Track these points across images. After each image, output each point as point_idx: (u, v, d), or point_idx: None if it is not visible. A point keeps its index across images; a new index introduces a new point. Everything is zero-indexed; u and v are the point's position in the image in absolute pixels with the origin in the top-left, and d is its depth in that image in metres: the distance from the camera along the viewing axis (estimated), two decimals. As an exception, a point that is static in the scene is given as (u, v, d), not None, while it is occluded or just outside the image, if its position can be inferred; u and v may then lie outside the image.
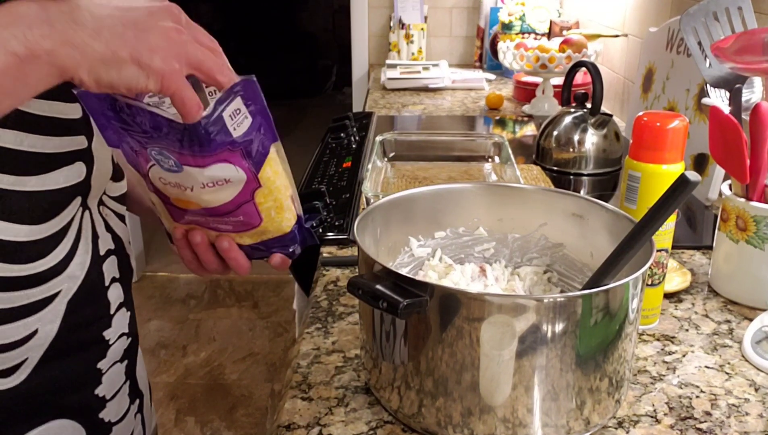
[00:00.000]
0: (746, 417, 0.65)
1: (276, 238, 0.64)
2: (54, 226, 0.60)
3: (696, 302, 0.86)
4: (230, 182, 0.58)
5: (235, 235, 0.64)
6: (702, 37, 0.92)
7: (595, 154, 1.33)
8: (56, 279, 0.61)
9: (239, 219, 0.61)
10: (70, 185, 0.61)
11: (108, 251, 0.68)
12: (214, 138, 0.54)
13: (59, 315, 0.62)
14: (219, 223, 0.62)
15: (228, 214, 0.60)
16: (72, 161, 0.60)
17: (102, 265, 0.67)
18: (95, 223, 0.66)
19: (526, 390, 0.57)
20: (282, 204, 0.62)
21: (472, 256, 0.79)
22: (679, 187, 0.54)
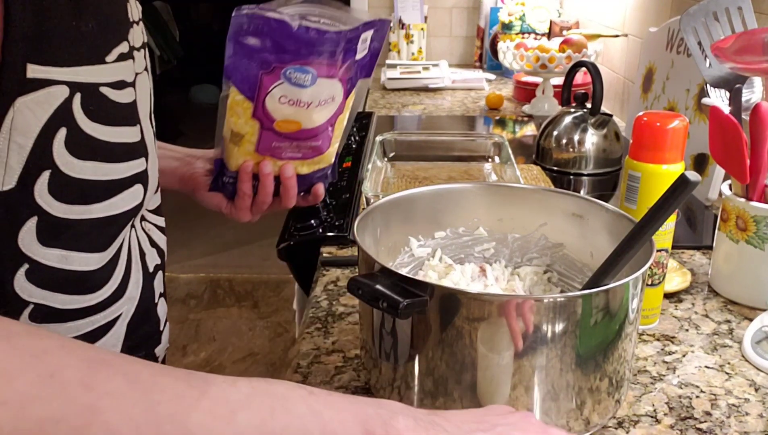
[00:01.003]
0: (746, 417, 0.65)
1: (323, 169, 0.74)
2: (113, 249, 0.59)
3: (696, 302, 0.86)
4: (333, 102, 0.67)
5: (298, 164, 0.72)
6: (702, 37, 0.92)
7: (595, 154, 1.33)
8: (117, 303, 0.61)
9: (317, 144, 0.70)
10: (129, 208, 0.60)
11: (156, 266, 0.67)
12: (350, 50, 0.63)
13: (120, 339, 0.62)
14: (296, 150, 0.70)
15: (313, 137, 0.69)
16: (132, 184, 0.59)
17: (153, 281, 0.67)
18: (140, 240, 0.65)
19: (526, 390, 0.57)
20: (340, 135, 0.73)
21: (472, 256, 0.79)
22: (679, 187, 0.54)
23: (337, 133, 0.72)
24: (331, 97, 0.66)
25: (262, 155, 0.71)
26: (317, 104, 0.66)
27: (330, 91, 0.66)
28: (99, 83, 0.53)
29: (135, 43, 0.57)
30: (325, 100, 0.66)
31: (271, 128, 0.68)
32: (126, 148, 0.57)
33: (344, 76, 0.66)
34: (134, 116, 0.58)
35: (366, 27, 0.63)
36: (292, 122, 0.67)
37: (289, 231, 1.05)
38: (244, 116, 0.68)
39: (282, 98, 0.65)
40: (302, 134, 0.69)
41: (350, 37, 0.63)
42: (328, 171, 0.75)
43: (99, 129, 0.53)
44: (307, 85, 0.64)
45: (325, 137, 0.70)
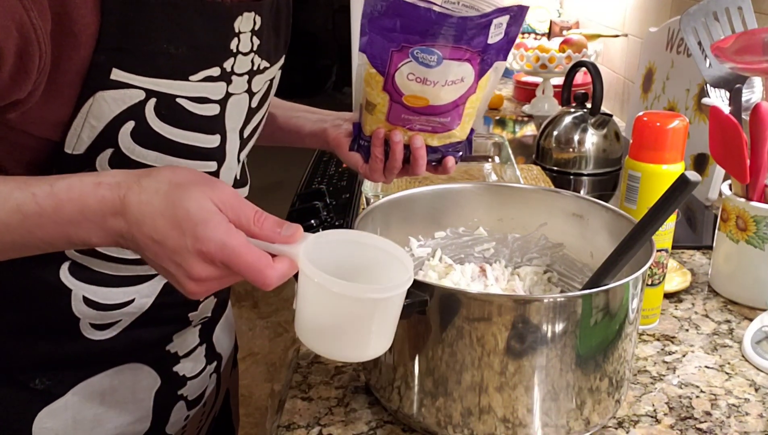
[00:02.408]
0: (746, 417, 0.65)
1: (454, 143, 0.76)
2: None
3: (696, 302, 0.86)
4: (463, 82, 0.69)
5: (427, 136, 0.74)
6: (702, 37, 0.92)
7: (595, 154, 1.33)
8: None
9: (446, 120, 0.72)
10: None
11: None
12: (480, 34, 0.65)
13: (155, 292, 0.69)
14: (425, 123, 0.73)
15: (441, 114, 0.72)
16: None
17: None
18: None
19: (527, 390, 0.57)
20: (474, 114, 0.75)
21: (472, 256, 0.79)
22: (679, 187, 0.54)
23: (470, 111, 0.74)
24: (460, 78, 0.68)
25: (393, 124, 0.73)
26: (444, 84, 0.68)
27: (459, 72, 0.68)
28: (177, 95, 0.60)
29: (237, 69, 0.64)
30: (453, 81, 0.68)
31: (400, 102, 0.71)
32: (197, 150, 0.64)
33: (475, 58, 0.68)
34: (216, 127, 0.65)
35: (500, 12, 0.64)
36: (420, 98, 0.70)
37: (289, 231, 1.05)
38: (376, 88, 0.71)
39: (410, 75, 0.68)
40: (430, 110, 0.71)
41: (479, 22, 0.64)
42: (460, 146, 0.77)
43: (167, 129, 0.60)
44: (433, 66, 0.67)
45: (455, 114, 0.72)
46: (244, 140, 0.71)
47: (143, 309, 0.69)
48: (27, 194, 0.52)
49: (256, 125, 0.72)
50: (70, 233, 0.52)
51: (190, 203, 0.50)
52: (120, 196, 0.51)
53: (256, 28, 0.65)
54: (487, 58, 0.69)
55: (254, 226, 0.51)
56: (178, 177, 0.52)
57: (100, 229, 0.52)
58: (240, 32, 0.63)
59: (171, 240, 0.50)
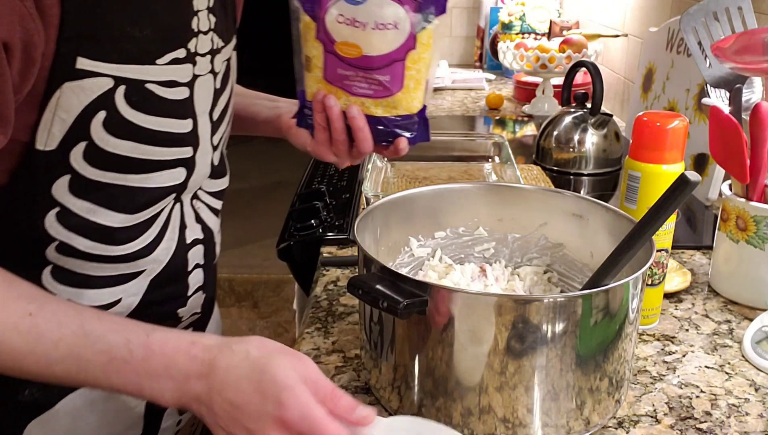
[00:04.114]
0: (746, 417, 0.65)
1: (402, 117, 0.69)
2: (145, 215, 0.66)
3: (696, 302, 0.86)
4: (396, 28, 0.64)
5: (370, 102, 0.68)
6: (702, 37, 0.92)
7: (595, 154, 1.33)
8: (142, 260, 0.67)
9: (385, 78, 0.66)
10: (169, 185, 0.67)
11: (195, 241, 0.73)
12: None
13: (141, 290, 0.69)
14: (363, 81, 0.67)
15: (378, 69, 0.66)
16: (174, 166, 0.66)
17: (187, 252, 0.73)
18: (185, 214, 0.71)
19: (527, 390, 0.57)
20: (421, 80, 0.68)
21: (472, 256, 0.79)
22: (679, 187, 0.54)
23: (413, 75, 0.67)
24: (392, 22, 0.64)
25: (332, 84, 0.69)
26: (375, 26, 0.64)
27: (390, 15, 0.64)
28: (146, 80, 0.59)
29: (199, 50, 0.64)
30: (384, 24, 0.64)
31: (333, 51, 0.67)
32: (171, 136, 0.64)
33: (409, 1, 0.64)
34: (187, 111, 0.64)
35: None
36: (352, 45, 0.65)
37: (289, 231, 1.05)
38: (310, 38, 0.68)
39: (339, 17, 0.64)
40: (365, 62, 0.66)
41: None
42: (412, 123, 0.70)
43: (140, 117, 0.60)
44: (360, 1, 0.63)
45: (395, 73, 0.67)
46: (215, 123, 0.70)
47: (131, 308, 0.68)
48: (121, 339, 0.52)
49: (224, 107, 0.71)
50: (144, 386, 0.52)
51: (277, 370, 0.50)
52: (211, 357, 0.51)
53: (211, 5, 0.65)
54: (423, 3, 0.65)
55: (330, 402, 0.51)
56: (267, 346, 0.53)
57: (178, 390, 0.52)
58: (198, 10, 0.63)
59: (252, 405, 0.50)
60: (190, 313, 0.76)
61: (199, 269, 0.75)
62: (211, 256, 0.77)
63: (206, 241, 0.75)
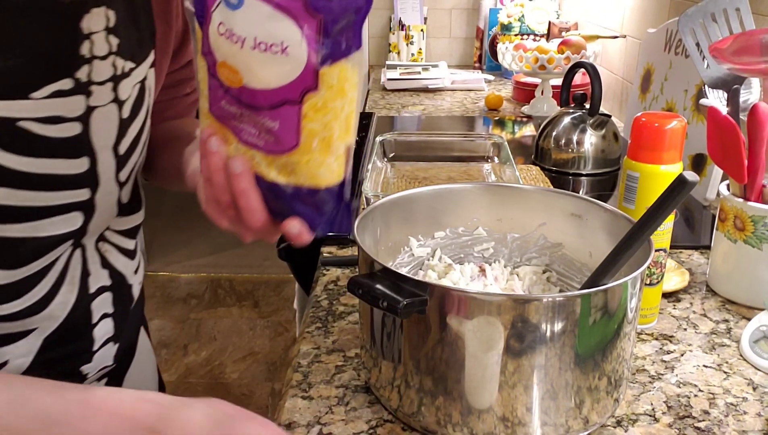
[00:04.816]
0: (744, 416, 0.65)
1: (306, 191, 0.49)
2: (33, 268, 0.58)
3: (694, 302, 0.86)
4: (285, 53, 0.45)
5: (262, 156, 0.49)
6: (700, 38, 0.92)
7: (593, 155, 1.33)
8: (32, 318, 0.59)
9: (275, 126, 0.47)
10: (62, 233, 0.59)
11: (101, 289, 0.65)
12: None
13: (33, 350, 0.61)
14: (251, 124, 0.48)
15: (265, 110, 0.47)
16: (67, 211, 0.58)
17: (91, 303, 0.65)
18: (88, 261, 0.63)
19: (525, 389, 0.57)
20: (332, 140, 0.48)
21: (471, 256, 0.79)
22: (678, 187, 0.55)
23: (317, 131, 0.47)
24: (279, 43, 0.45)
25: (220, 122, 0.50)
26: (254, 45, 0.45)
27: (276, 32, 0.45)
28: (17, 118, 0.51)
29: (95, 78, 0.55)
30: (267, 45, 0.45)
31: (216, 75, 0.49)
32: (60, 179, 0.56)
33: (304, 16, 0.44)
34: (80, 149, 0.56)
35: None
36: (231, 68, 0.47)
37: (290, 231, 1.05)
38: (198, 54, 0.51)
39: (220, 26, 0.47)
40: (248, 96, 0.47)
41: None
42: (319, 201, 0.49)
43: (13, 159, 0.52)
44: (235, 4, 0.45)
45: (287, 121, 0.47)
46: (122, 157, 0.61)
47: (21, 370, 0.60)
48: (58, 398, 0.48)
49: (134, 138, 0.62)
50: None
51: (247, 432, 0.47)
52: (163, 409, 0.47)
53: (111, 25, 0.56)
54: (329, 27, 0.45)
55: None
56: (228, 408, 0.49)
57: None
58: (90, 33, 0.54)
59: None
60: (98, 368, 0.68)
61: (107, 319, 0.67)
62: (124, 301, 0.69)
63: (116, 286, 0.67)
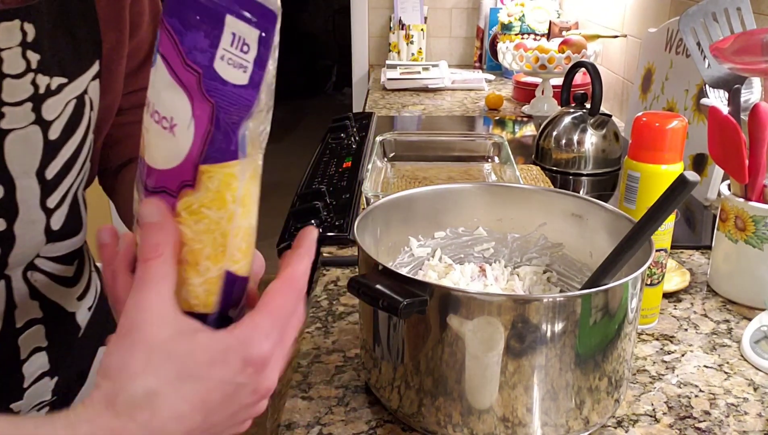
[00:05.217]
0: (745, 416, 0.65)
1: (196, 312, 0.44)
2: None
3: (695, 302, 0.86)
4: (172, 132, 0.38)
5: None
6: (701, 37, 0.92)
7: (594, 155, 1.33)
8: None
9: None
10: None
11: (30, 322, 0.61)
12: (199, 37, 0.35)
13: None
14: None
15: (149, 192, 0.41)
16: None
17: (18, 338, 0.60)
18: (14, 293, 0.59)
19: (526, 389, 0.57)
20: (200, 255, 0.40)
21: (471, 256, 0.79)
22: (678, 187, 0.55)
23: (186, 237, 0.40)
24: (170, 117, 0.38)
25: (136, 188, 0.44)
26: (152, 111, 0.39)
27: (170, 103, 0.38)
28: None
29: (7, 98, 0.52)
30: (160, 116, 0.38)
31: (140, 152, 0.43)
32: None
33: (198, 97, 0.36)
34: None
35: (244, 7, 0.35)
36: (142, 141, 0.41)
37: (289, 231, 1.05)
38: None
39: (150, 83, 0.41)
40: (142, 165, 0.42)
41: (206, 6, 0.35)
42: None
43: None
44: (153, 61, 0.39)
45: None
46: (50, 183, 0.56)
47: None
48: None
49: (68, 160, 0.57)
50: None
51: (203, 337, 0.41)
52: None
53: (29, 39, 0.51)
54: (222, 119, 0.37)
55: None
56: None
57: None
58: (0, 49, 0.50)
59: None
60: (33, 405, 0.63)
61: (40, 353, 0.62)
62: (64, 332, 0.65)
63: (51, 318, 0.63)
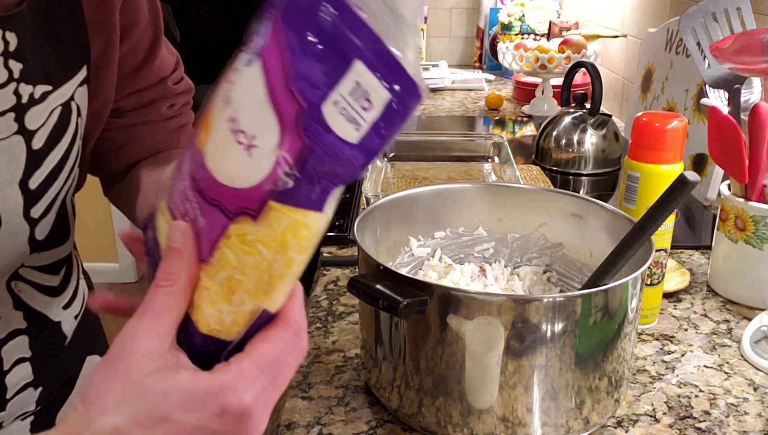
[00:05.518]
0: (745, 416, 0.65)
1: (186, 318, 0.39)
2: None
3: (695, 302, 0.86)
4: (249, 152, 0.33)
5: None
6: (701, 37, 0.92)
7: (594, 155, 1.33)
8: None
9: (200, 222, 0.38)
10: None
11: (13, 332, 0.60)
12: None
13: None
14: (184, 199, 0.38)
15: (201, 197, 0.36)
16: None
17: (0, 349, 0.60)
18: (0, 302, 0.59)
19: (526, 389, 0.57)
20: (238, 286, 0.37)
21: (471, 256, 0.79)
22: (678, 187, 0.55)
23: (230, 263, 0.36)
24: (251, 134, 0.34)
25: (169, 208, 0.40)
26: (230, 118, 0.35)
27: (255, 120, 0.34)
28: None
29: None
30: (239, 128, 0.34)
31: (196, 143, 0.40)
32: None
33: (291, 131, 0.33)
34: None
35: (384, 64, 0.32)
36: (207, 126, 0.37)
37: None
38: None
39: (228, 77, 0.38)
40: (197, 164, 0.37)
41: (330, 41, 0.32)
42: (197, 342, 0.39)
43: None
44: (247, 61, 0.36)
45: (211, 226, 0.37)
46: (34, 193, 0.55)
47: None
48: None
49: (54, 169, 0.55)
50: None
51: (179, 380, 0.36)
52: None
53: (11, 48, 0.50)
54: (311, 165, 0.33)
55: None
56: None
57: None
58: None
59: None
60: (16, 416, 0.63)
61: (24, 364, 0.62)
62: (49, 342, 0.64)
63: (35, 328, 0.62)
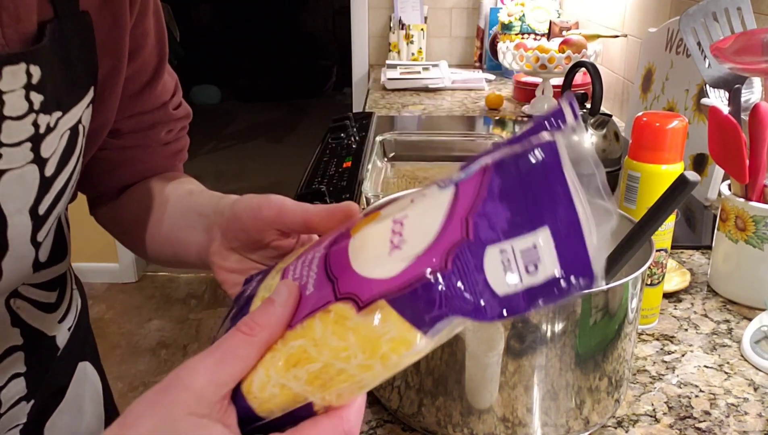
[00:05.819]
0: (745, 416, 0.65)
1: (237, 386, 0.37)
2: None
3: (695, 302, 0.86)
4: (389, 252, 0.35)
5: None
6: (701, 37, 0.92)
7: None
8: None
9: (309, 287, 0.39)
10: None
11: (10, 349, 0.61)
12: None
13: None
14: (306, 266, 0.40)
15: (323, 270, 0.38)
16: None
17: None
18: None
19: (526, 389, 0.57)
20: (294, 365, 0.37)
21: (471, 256, 0.79)
22: (679, 187, 0.55)
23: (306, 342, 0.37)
24: (407, 240, 0.36)
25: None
26: (394, 219, 0.37)
27: (420, 228, 0.35)
28: None
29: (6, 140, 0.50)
30: (399, 230, 0.36)
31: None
32: None
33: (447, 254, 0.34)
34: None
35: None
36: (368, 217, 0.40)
37: (290, 231, 1.05)
38: None
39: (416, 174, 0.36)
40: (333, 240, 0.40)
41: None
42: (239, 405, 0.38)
43: None
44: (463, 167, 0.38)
45: (315, 298, 0.38)
46: (41, 218, 0.55)
47: None
48: None
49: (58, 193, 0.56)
50: None
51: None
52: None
53: (35, 81, 0.50)
54: (453, 274, 0.34)
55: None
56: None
57: None
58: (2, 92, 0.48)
59: None
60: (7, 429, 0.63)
61: (18, 379, 0.62)
62: (43, 357, 0.65)
63: (30, 344, 0.62)
